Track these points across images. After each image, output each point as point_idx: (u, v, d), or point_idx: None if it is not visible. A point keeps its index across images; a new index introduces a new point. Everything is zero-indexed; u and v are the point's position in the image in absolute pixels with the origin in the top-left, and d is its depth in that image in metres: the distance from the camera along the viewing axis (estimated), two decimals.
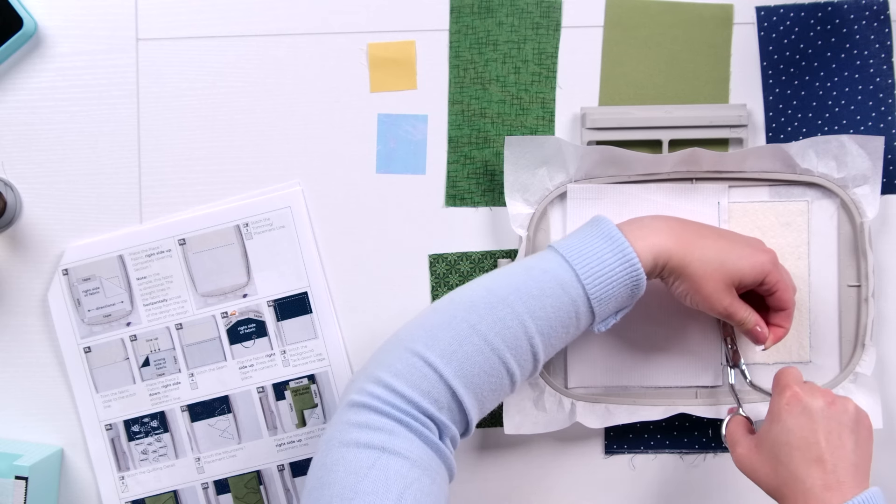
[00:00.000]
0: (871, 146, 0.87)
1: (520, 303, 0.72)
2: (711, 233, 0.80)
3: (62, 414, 0.94)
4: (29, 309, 0.93)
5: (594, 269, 0.74)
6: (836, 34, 0.90)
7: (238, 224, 0.92)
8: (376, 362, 0.72)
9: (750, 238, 0.83)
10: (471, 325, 0.72)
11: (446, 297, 0.75)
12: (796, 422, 0.74)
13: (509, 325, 0.72)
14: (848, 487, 0.70)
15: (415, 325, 0.74)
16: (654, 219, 0.80)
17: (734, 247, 0.80)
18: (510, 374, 0.73)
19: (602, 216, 0.78)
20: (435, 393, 0.70)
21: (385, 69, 0.92)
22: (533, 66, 0.92)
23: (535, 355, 0.74)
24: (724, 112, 0.91)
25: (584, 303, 0.74)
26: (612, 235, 0.75)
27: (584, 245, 0.75)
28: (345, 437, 0.68)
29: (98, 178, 0.93)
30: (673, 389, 0.91)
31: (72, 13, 0.91)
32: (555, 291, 0.73)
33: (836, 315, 0.90)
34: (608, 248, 0.75)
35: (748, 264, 0.79)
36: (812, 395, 0.75)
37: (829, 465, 0.71)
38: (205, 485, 0.94)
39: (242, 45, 0.92)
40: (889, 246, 0.92)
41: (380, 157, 0.93)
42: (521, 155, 0.89)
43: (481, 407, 0.73)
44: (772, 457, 0.74)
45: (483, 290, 0.74)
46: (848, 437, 0.73)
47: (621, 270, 0.74)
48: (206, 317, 0.93)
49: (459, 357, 0.71)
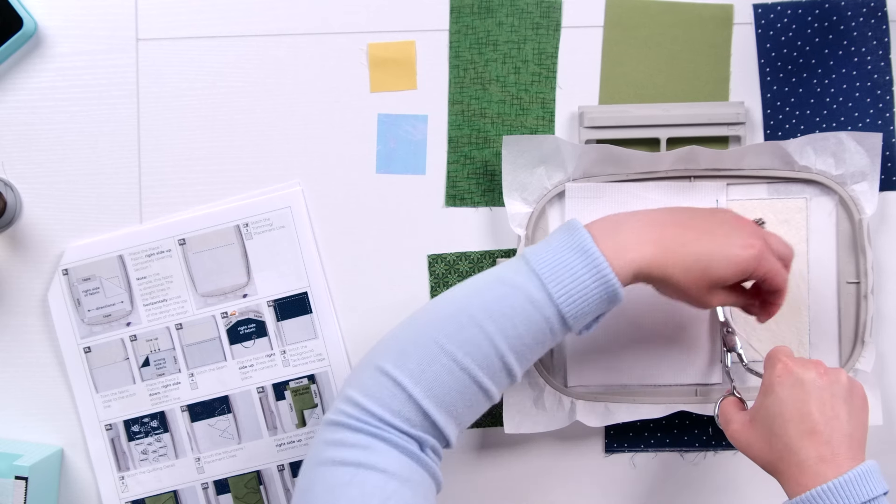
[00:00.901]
0: (869, 143, 0.87)
1: (490, 322, 0.70)
2: (695, 231, 0.76)
3: (62, 414, 0.93)
4: (29, 309, 0.93)
5: (568, 287, 0.71)
6: (833, 31, 0.91)
7: (238, 224, 0.92)
8: (350, 380, 0.72)
9: (738, 225, 0.78)
10: (440, 344, 0.70)
11: (418, 312, 0.74)
12: (789, 393, 0.73)
13: (479, 345, 0.70)
14: (843, 459, 0.70)
15: (386, 341, 0.73)
16: (633, 222, 0.75)
17: (718, 247, 0.75)
18: (484, 391, 0.72)
19: (576, 223, 0.74)
20: (406, 412, 0.69)
21: (385, 69, 0.93)
22: (533, 66, 0.93)
23: (509, 371, 0.72)
24: (721, 110, 0.91)
25: (558, 320, 0.71)
26: (587, 250, 0.72)
27: (557, 260, 0.72)
28: (321, 456, 0.68)
29: (98, 178, 0.93)
30: (673, 387, 0.91)
31: (72, 13, 0.92)
32: (526, 309, 0.71)
33: (836, 312, 0.90)
34: (582, 264, 0.71)
35: (732, 267, 0.75)
36: (804, 367, 0.74)
37: (824, 436, 0.70)
38: (205, 485, 0.93)
39: (242, 45, 0.92)
40: (888, 242, 0.92)
41: (380, 157, 0.93)
42: (519, 154, 0.89)
43: (458, 423, 0.72)
44: (766, 430, 0.74)
45: (453, 307, 0.72)
46: (841, 407, 0.72)
47: (596, 287, 0.71)
48: (206, 317, 0.93)
49: (428, 377, 0.70)
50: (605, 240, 0.73)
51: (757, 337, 0.89)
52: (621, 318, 0.90)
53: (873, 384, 0.88)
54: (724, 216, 0.79)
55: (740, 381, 0.89)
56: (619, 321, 0.90)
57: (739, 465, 0.94)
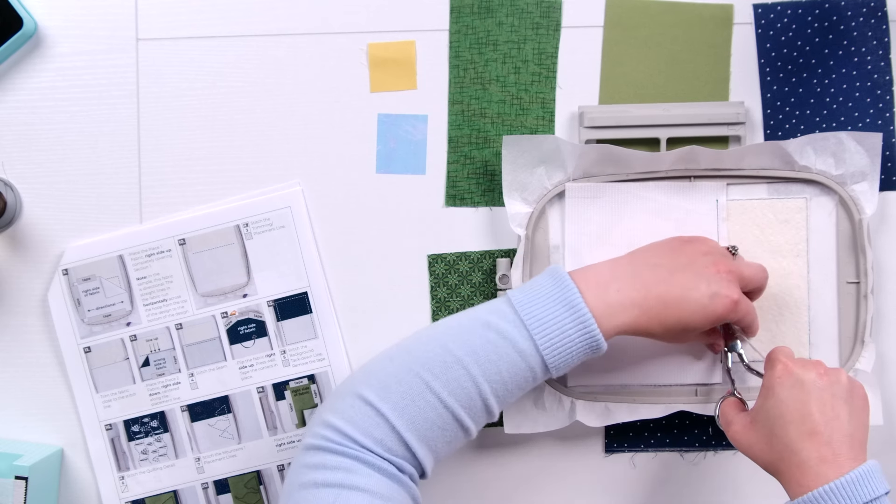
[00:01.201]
0: (869, 143, 0.87)
1: (475, 366, 0.72)
2: (678, 288, 0.77)
3: (62, 414, 0.93)
4: (29, 309, 0.93)
5: (554, 341, 0.73)
6: (833, 31, 0.91)
7: (238, 224, 0.92)
8: (328, 407, 0.73)
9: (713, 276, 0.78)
10: (425, 382, 0.72)
11: (403, 344, 0.76)
12: (789, 394, 0.73)
13: (464, 386, 0.72)
14: (844, 459, 0.70)
15: (368, 372, 0.74)
16: (620, 282, 0.76)
17: (696, 306, 0.76)
18: (464, 429, 0.74)
19: (561, 272, 0.76)
20: (387, 441, 0.71)
21: (385, 69, 0.93)
22: (533, 66, 0.93)
23: (489, 411, 0.74)
24: (721, 110, 0.91)
25: (542, 368, 0.74)
26: (576, 307, 0.73)
27: (545, 312, 0.74)
28: (302, 479, 0.69)
29: (98, 178, 0.93)
30: (673, 387, 0.91)
31: (72, 13, 0.92)
32: (512, 357, 0.73)
33: (836, 312, 0.90)
34: (570, 320, 0.73)
35: (708, 322, 0.77)
36: (804, 368, 0.74)
37: (824, 437, 0.71)
38: (205, 485, 0.93)
39: (242, 45, 0.92)
40: (888, 242, 0.92)
41: (380, 157, 0.93)
42: (518, 154, 0.89)
43: (436, 456, 0.74)
44: (766, 431, 0.74)
45: (439, 348, 0.73)
46: (842, 407, 0.72)
47: (582, 342, 0.74)
48: (206, 317, 0.93)
49: (412, 411, 0.71)
50: (593, 299, 0.75)
51: (757, 337, 0.89)
52: None
53: (873, 384, 0.88)
54: (703, 267, 0.79)
55: (741, 382, 0.89)
56: None
57: (739, 465, 0.94)
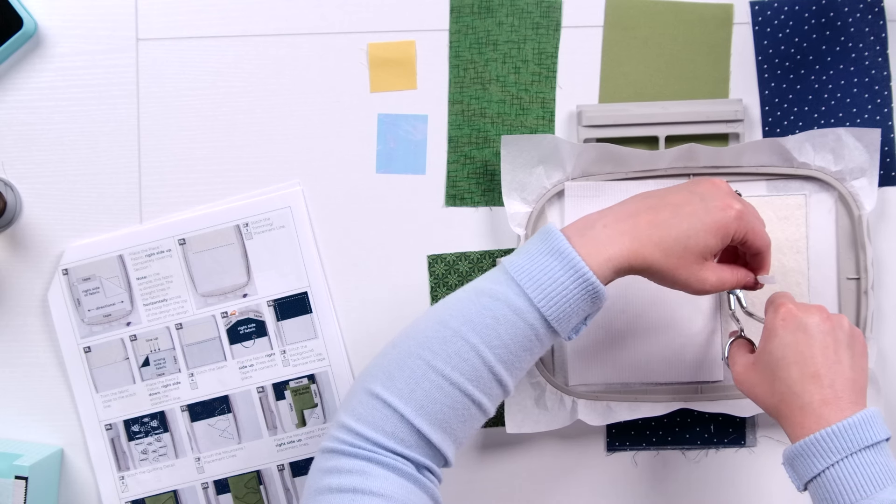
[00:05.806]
0: (867, 139, 0.88)
1: (474, 334, 0.70)
2: (669, 210, 0.74)
3: (62, 414, 0.93)
4: (29, 309, 0.93)
5: (547, 291, 0.70)
6: (830, 27, 0.91)
7: (238, 224, 0.92)
8: (342, 406, 0.72)
9: (713, 190, 0.76)
10: (426, 361, 0.70)
11: (402, 331, 0.73)
12: (793, 337, 0.73)
13: (466, 358, 0.69)
14: (846, 403, 0.70)
15: (374, 364, 0.72)
16: (606, 218, 0.74)
17: (696, 219, 0.73)
18: (478, 405, 0.71)
19: (550, 227, 0.73)
20: (399, 433, 0.69)
21: (385, 69, 0.93)
22: (533, 66, 0.93)
23: (500, 382, 0.71)
24: (720, 107, 0.91)
25: (543, 324, 0.71)
26: (562, 251, 0.71)
27: (534, 265, 0.71)
28: (319, 484, 0.68)
29: (98, 178, 0.93)
30: (674, 385, 0.91)
31: (72, 13, 0.92)
32: (509, 318, 0.70)
33: (836, 308, 0.90)
34: (559, 266, 0.70)
35: (711, 233, 0.73)
36: (807, 312, 0.74)
37: (826, 379, 0.71)
38: (205, 485, 0.93)
39: (242, 45, 0.93)
40: (887, 238, 0.93)
41: (380, 157, 0.93)
42: (517, 154, 0.89)
43: (454, 439, 0.71)
44: (769, 373, 0.74)
45: (436, 323, 0.71)
46: (844, 352, 0.73)
47: (576, 288, 0.70)
48: (206, 317, 0.92)
49: (418, 396, 0.69)
50: (579, 240, 0.72)
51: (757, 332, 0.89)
52: (622, 316, 0.90)
53: (874, 380, 0.88)
54: (697, 185, 0.77)
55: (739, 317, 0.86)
56: (619, 319, 0.90)
57: (741, 462, 0.94)
